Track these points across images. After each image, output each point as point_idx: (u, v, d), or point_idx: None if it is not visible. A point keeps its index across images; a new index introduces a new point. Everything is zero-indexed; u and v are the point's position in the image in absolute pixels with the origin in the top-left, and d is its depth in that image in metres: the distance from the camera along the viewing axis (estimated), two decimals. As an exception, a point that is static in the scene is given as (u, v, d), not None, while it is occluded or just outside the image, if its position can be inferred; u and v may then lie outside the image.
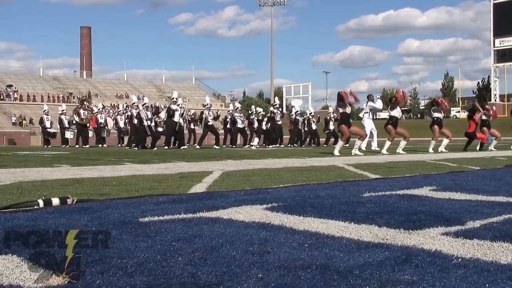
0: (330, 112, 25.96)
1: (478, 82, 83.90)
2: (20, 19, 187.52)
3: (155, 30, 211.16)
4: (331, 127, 24.64)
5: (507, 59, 64.38)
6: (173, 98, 20.13)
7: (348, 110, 12.53)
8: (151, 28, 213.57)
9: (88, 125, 24.98)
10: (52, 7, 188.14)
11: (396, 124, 13.48)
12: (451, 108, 68.83)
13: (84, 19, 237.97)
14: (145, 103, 20.29)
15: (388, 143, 13.59)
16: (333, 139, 24.60)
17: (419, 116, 74.72)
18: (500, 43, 65.04)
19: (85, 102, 26.41)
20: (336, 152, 12.34)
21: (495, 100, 61.42)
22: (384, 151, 13.26)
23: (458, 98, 71.66)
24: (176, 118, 19.39)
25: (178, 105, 19.92)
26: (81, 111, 24.76)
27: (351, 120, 12.85)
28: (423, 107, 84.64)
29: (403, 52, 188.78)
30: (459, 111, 63.39)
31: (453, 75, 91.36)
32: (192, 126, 23.69)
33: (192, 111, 26.96)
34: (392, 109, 13.51)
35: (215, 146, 20.84)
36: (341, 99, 12.45)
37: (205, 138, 21.45)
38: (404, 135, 13.72)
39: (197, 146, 20.25)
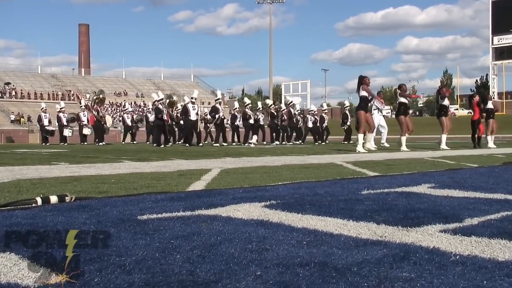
0: (347, 106, 26.14)
1: (477, 80, 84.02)
2: (19, 16, 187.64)
3: (154, 27, 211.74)
4: (349, 122, 24.79)
5: (505, 57, 64.50)
6: (192, 98, 20.29)
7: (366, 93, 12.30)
8: (150, 26, 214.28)
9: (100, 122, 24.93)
10: (51, 5, 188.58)
11: (406, 112, 13.51)
12: (450, 106, 68.84)
13: (83, 17, 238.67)
14: (162, 99, 20.47)
15: (404, 139, 13.49)
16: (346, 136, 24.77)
17: (417, 113, 74.77)
18: (498, 41, 65.14)
19: (99, 99, 26.22)
20: (361, 148, 12.04)
21: (493, 98, 61.40)
22: (404, 147, 13.16)
23: (457, 95, 71.70)
24: (193, 116, 19.62)
25: (198, 104, 20.26)
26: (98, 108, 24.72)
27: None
28: (421, 105, 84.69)
29: (402, 49, 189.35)
30: (457, 109, 63.41)
31: (452, 73, 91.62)
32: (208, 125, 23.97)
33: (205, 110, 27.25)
34: (401, 96, 13.54)
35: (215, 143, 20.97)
36: (364, 83, 12.20)
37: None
38: (408, 127, 13.70)
39: (215, 144, 20.51)
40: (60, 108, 26.55)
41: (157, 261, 1.81)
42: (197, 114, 20.07)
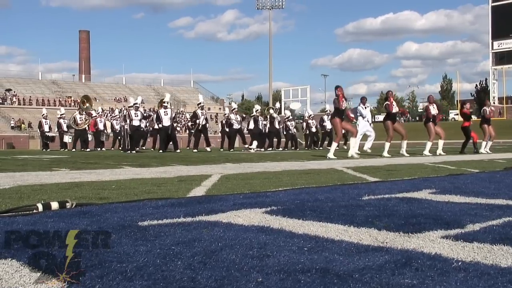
0: (327, 110, 26.43)
1: (476, 85, 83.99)
2: (19, 23, 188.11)
3: (154, 34, 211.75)
4: (329, 126, 24.81)
5: (505, 62, 64.54)
6: (165, 102, 20.08)
7: (343, 105, 12.32)
8: (150, 32, 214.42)
9: (87, 128, 24.96)
10: (52, 11, 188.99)
11: (394, 118, 13.54)
12: (450, 111, 69.06)
13: (84, 23, 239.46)
14: (135, 104, 20.03)
15: (387, 145, 13.50)
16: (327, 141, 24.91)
17: (417, 119, 74.79)
18: (498, 46, 65.21)
19: (82, 106, 26.18)
20: (331, 155, 12.10)
21: (494, 103, 61.46)
22: (385, 153, 13.15)
23: (457, 100, 71.72)
24: (166, 122, 19.34)
25: (171, 108, 20.02)
26: (78, 116, 24.71)
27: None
28: (421, 110, 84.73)
29: (401, 55, 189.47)
30: (457, 114, 63.44)
31: (452, 78, 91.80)
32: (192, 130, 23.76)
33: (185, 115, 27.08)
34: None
35: (208, 149, 20.83)
36: (336, 95, 12.26)
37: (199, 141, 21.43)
38: (401, 133, 13.73)
39: (194, 150, 20.32)
40: (61, 114, 26.56)
41: (158, 267, 1.80)
42: (170, 119, 19.78)
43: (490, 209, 3.22)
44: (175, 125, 20.41)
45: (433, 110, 14.38)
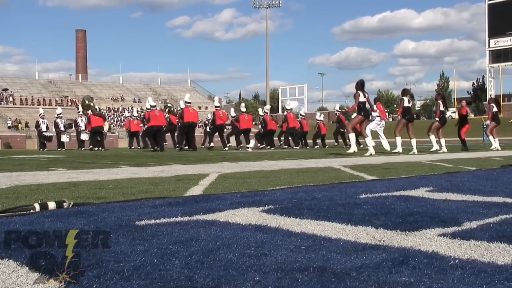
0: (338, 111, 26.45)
1: (473, 83, 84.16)
2: (17, 22, 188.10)
3: (152, 33, 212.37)
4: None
5: (502, 60, 64.69)
6: (187, 102, 20.45)
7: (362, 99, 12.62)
8: (148, 31, 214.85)
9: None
10: (49, 11, 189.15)
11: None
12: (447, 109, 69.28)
13: (82, 23, 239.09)
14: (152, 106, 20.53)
15: (399, 140, 13.65)
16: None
17: (414, 117, 75.01)
18: (495, 44, 65.34)
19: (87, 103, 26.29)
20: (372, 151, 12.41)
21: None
22: (399, 149, 13.33)
23: (454, 98, 71.80)
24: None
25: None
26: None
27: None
28: (418, 108, 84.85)
29: (398, 53, 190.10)
30: (454, 112, 63.54)
31: (449, 76, 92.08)
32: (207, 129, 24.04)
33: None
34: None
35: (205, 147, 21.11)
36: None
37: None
38: (396, 130, 13.89)
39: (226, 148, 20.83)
40: (58, 114, 26.52)
41: (156, 267, 1.80)
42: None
43: (487, 207, 3.22)
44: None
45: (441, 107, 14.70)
